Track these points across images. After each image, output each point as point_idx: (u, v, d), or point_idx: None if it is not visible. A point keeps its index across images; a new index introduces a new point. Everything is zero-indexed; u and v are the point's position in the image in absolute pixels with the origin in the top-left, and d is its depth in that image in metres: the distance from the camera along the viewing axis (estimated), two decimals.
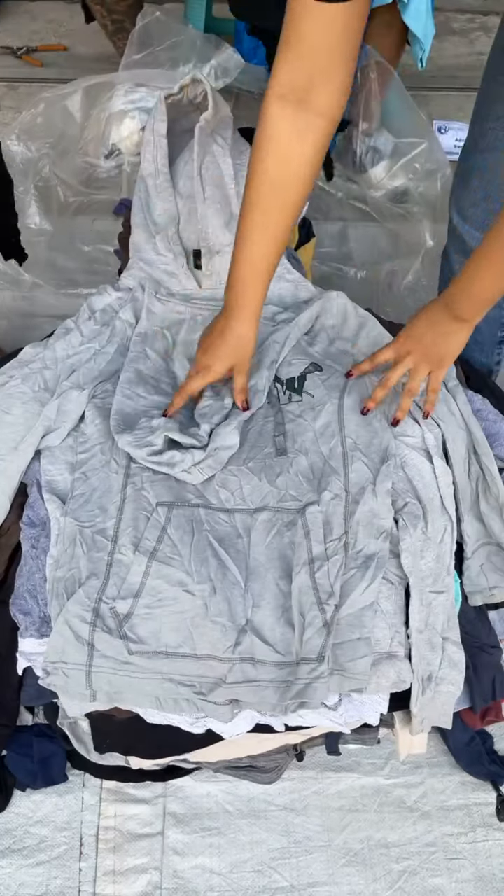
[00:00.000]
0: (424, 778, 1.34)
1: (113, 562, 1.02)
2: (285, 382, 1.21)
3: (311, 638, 0.96)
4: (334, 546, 1.03)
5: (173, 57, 1.97)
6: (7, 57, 2.51)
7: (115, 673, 0.97)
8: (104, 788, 1.30)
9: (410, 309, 1.82)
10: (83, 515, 1.06)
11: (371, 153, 2.03)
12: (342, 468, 1.10)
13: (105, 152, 2.02)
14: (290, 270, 1.31)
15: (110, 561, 1.02)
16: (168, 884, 1.23)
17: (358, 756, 1.35)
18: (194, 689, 0.97)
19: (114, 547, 1.03)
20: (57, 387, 1.18)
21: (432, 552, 1.05)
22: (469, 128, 1.25)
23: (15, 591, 1.05)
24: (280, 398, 1.19)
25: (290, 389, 1.20)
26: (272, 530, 1.06)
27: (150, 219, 1.29)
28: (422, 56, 1.89)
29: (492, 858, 1.28)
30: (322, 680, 0.94)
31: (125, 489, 1.08)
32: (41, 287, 1.83)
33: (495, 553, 1.10)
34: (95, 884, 1.23)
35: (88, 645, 0.97)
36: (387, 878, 1.25)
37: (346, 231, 2.01)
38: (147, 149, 1.27)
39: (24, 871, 1.24)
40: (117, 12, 2.06)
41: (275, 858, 1.26)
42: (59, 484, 1.11)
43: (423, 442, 1.14)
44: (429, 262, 1.89)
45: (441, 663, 1.03)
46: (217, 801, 1.31)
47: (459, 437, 1.15)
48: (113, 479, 1.09)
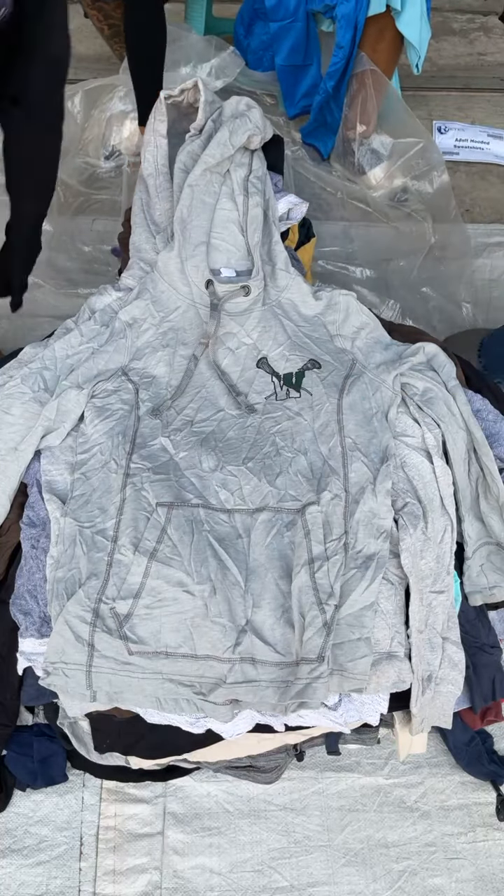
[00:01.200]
0: (424, 778, 1.34)
1: (113, 562, 1.02)
2: (283, 377, 1.20)
3: (311, 638, 0.96)
4: (334, 546, 1.03)
5: (174, 58, 1.97)
6: None
7: (115, 673, 0.97)
8: (104, 788, 1.31)
9: (416, 306, 1.83)
10: (83, 516, 1.06)
11: (369, 155, 2.04)
12: (342, 468, 1.10)
13: (105, 153, 2.03)
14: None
15: (110, 561, 1.02)
16: (168, 884, 1.23)
17: (358, 756, 1.35)
18: (194, 689, 0.97)
19: (114, 547, 1.03)
20: (56, 387, 1.19)
21: (432, 552, 1.05)
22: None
23: (15, 591, 1.05)
24: (277, 394, 1.19)
25: (287, 385, 1.19)
26: (272, 530, 1.06)
27: (150, 219, 1.29)
28: (417, 62, 1.90)
29: (492, 858, 1.28)
30: (322, 680, 0.94)
31: (125, 489, 1.08)
32: (41, 287, 1.83)
33: (495, 552, 1.10)
34: (95, 884, 1.23)
35: (88, 645, 0.97)
36: (387, 878, 1.25)
37: (350, 231, 2.02)
38: (147, 149, 1.28)
39: (24, 871, 1.24)
40: (115, 17, 2.05)
41: (275, 858, 1.26)
42: (59, 484, 1.11)
43: (423, 442, 1.14)
44: (431, 259, 1.89)
45: (441, 663, 1.03)
46: (217, 801, 1.31)
47: (459, 437, 1.15)
48: (112, 480, 1.09)
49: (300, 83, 2.11)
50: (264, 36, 2.08)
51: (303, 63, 2.07)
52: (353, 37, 1.83)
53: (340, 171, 2.09)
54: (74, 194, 1.96)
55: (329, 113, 2.00)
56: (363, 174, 2.05)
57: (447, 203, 1.94)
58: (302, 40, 2.02)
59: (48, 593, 1.03)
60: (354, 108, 1.96)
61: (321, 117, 2.03)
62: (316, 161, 2.13)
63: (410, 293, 1.85)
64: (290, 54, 2.05)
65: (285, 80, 2.11)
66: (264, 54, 2.13)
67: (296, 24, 1.99)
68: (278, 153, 1.37)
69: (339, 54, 1.86)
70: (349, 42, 1.83)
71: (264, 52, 2.12)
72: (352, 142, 2.02)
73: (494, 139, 2.24)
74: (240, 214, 1.24)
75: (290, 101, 2.16)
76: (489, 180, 2.20)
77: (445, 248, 1.91)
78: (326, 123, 2.03)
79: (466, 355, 1.35)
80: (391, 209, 2.02)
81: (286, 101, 2.17)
